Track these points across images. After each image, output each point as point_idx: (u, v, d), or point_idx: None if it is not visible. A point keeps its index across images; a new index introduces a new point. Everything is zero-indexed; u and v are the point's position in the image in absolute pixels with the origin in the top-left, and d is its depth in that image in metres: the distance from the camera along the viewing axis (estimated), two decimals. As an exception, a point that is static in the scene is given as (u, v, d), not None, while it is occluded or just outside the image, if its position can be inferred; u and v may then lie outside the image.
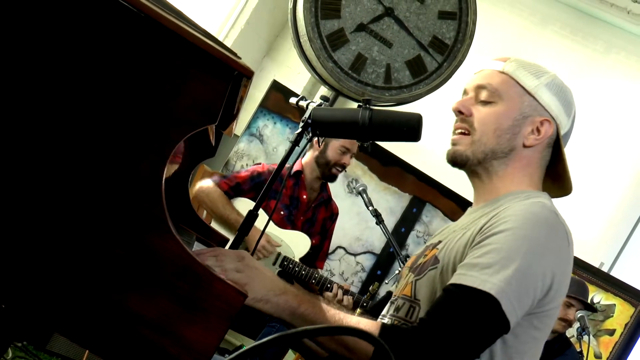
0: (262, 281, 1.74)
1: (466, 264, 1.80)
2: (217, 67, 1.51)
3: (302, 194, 4.75)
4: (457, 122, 2.07)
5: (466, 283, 1.76)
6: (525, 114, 2.00)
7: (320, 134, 2.29)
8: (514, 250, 1.77)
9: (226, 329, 1.50)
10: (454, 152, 2.05)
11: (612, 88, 6.48)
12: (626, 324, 5.85)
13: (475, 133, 2.02)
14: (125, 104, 1.50)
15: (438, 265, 1.92)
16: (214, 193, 4.54)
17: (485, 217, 1.91)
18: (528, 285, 1.76)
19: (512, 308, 1.74)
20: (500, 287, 1.73)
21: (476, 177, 2.06)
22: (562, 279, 1.84)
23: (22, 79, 1.48)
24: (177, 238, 1.49)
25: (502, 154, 2.01)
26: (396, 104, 6.06)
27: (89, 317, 1.46)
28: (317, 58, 5.77)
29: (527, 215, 1.83)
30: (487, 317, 1.73)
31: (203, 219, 4.84)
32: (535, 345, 1.88)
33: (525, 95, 2.01)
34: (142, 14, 1.48)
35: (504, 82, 2.02)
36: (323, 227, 4.88)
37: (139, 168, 1.48)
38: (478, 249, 1.81)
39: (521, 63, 2.05)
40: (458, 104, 2.06)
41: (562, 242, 1.85)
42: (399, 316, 1.98)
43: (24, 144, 1.47)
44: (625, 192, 6.40)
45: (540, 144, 2.01)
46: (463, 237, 1.91)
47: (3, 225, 1.45)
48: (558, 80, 2.05)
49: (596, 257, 6.17)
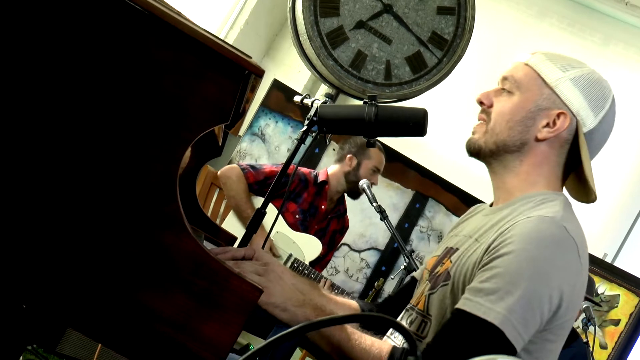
0: (282, 288, 1.78)
1: (472, 288, 1.80)
2: (228, 66, 1.53)
3: (322, 203, 4.80)
4: (480, 112, 2.07)
5: (471, 311, 1.76)
6: (541, 106, 1.97)
7: (327, 131, 2.32)
8: (519, 274, 1.75)
9: (243, 323, 1.53)
10: (469, 140, 2.06)
11: (611, 80, 6.48)
12: (631, 314, 5.87)
13: (490, 122, 2.02)
14: (140, 105, 1.52)
15: (449, 282, 1.92)
16: (239, 184, 4.58)
17: (494, 230, 1.89)
18: (534, 309, 1.75)
19: (516, 334, 1.73)
20: (504, 315, 1.72)
21: (493, 172, 2.05)
22: (573, 293, 1.82)
23: (42, 82, 1.51)
24: (192, 236, 1.51)
25: (514, 147, 1.98)
26: (397, 100, 6.09)
27: (109, 315, 1.49)
28: (317, 56, 5.81)
29: (532, 235, 1.79)
30: (491, 346, 1.73)
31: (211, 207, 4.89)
32: (550, 355, 1.88)
33: (545, 88, 1.98)
34: (158, 18, 1.50)
35: (526, 75, 2.00)
36: (332, 238, 4.94)
37: (153, 168, 1.51)
38: (484, 272, 1.80)
39: (550, 56, 2.01)
40: (481, 95, 2.06)
41: (571, 257, 1.81)
42: (412, 331, 1.99)
43: (41, 147, 1.50)
44: (627, 184, 6.43)
45: (554, 138, 1.97)
46: (474, 253, 1.89)
47: (25, 227, 1.48)
48: (593, 76, 2.00)
49: (600, 248, 6.19)
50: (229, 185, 4.59)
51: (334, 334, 1.79)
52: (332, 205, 4.88)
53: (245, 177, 4.60)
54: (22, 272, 1.47)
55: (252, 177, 4.60)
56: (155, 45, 1.53)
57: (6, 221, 1.48)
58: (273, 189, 2.55)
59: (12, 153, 1.49)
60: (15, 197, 1.49)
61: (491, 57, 6.74)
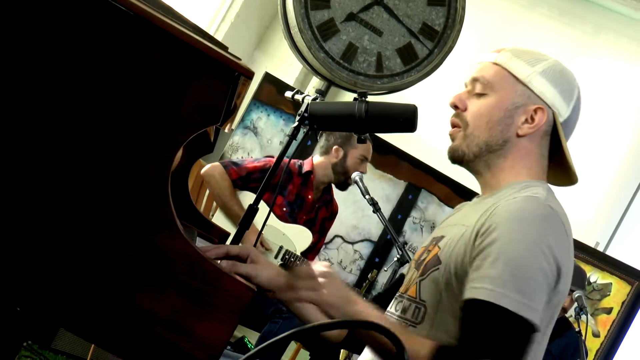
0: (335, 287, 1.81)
1: (478, 277, 1.82)
2: (219, 69, 1.54)
3: (308, 193, 4.81)
4: (452, 116, 2.09)
5: (487, 299, 1.77)
6: (517, 103, 1.99)
7: (318, 128, 2.33)
8: (519, 255, 1.79)
9: (236, 323, 1.54)
10: (450, 147, 2.07)
11: (602, 69, 6.52)
12: (623, 302, 5.92)
13: (468, 127, 2.02)
14: (130, 108, 1.53)
15: (440, 267, 1.94)
16: (222, 182, 4.59)
17: (483, 215, 1.91)
18: (541, 285, 1.79)
19: (531, 311, 1.76)
20: (515, 298, 1.75)
21: (479, 175, 2.07)
22: (567, 268, 1.85)
23: (32, 86, 1.52)
24: (185, 237, 1.53)
25: (497, 146, 2.01)
26: (388, 92, 6.10)
27: (103, 316, 1.50)
28: (309, 49, 5.80)
29: (521, 214, 1.83)
30: (516, 333, 1.77)
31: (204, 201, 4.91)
32: (536, 347, 1.90)
33: (518, 85, 2.00)
34: (147, 21, 1.51)
35: (497, 74, 2.02)
36: (322, 225, 4.96)
37: (145, 171, 1.52)
38: (483, 258, 1.83)
39: (516, 52, 2.04)
40: (454, 99, 2.07)
41: (560, 233, 1.85)
42: (407, 318, 2.01)
43: (33, 151, 1.51)
44: (618, 173, 6.46)
45: (535, 132, 2.00)
46: (463, 236, 1.92)
47: (18, 230, 1.49)
48: (558, 67, 2.03)
49: (591, 237, 6.23)
50: (213, 183, 4.61)
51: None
52: (319, 195, 4.89)
53: (228, 174, 4.61)
54: (16, 274, 1.48)
55: (235, 174, 4.61)
56: (145, 48, 1.54)
57: (0, 223, 1.49)
58: (265, 184, 2.57)
59: (4, 156, 1.50)
60: (8, 200, 1.50)
61: (482, 48, 6.73)
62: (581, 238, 6.00)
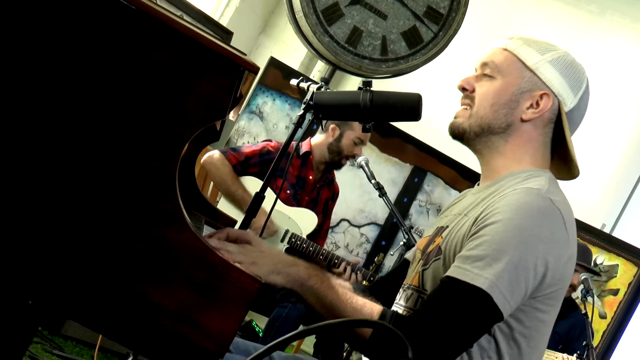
0: (269, 257, 1.82)
1: (461, 256, 1.86)
2: (224, 64, 1.56)
3: (308, 174, 4.84)
4: (462, 97, 2.12)
5: (459, 277, 1.82)
6: (524, 88, 2.03)
7: (323, 117, 2.35)
8: (506, 242, 1.82)
9: (244, 314, 1.57)
10: (452, 124, 2.12)
11: (608, 50, 6.51)
12: (629, 284, 5.94)
13: (474, 107, 2.07)
14: (138, 104, 1.55)
15: (441, 257, 1.98)
16: (223, 168, 4.62)
17: (482, 205, 1.95)
18: (519, 276, 1.81)
19: (504, 299, 1.79)
20: (492, 281, 1.79)
21: (479, 154, 2.11)
22: (559, 263, 1.88)
23: (40, 83, 1.54)
24: (193, 230, 1.55)
25: (499, 128, 2.04)
26: (393, 76, 6.10)
27: (114, 309, 1.53)
28: (314, 33, 5.80)
29: (519, 205, 1.86)
30: (479, 310, 1.80)
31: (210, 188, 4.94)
32: (543, 326, 1.94)
33: (526, 71, 2.04)
34: (153, 17, 1.53)
35: (506, 59, 2.06)
36: (325, 206, 4.98)
37: (153, 166, 1.54)
38: (472, 241, 1.87)
39: (527, 40, 2.08)
40: (462, 81, 2.11)
41: (557, 228, 1.88)
42: (408, 306, 2.05)
43: (44, 147, 1.53)
44: (624, 154, 6.46)
45: (539, 118, 2.03)
46: (463, 226, 1.96)
47: (30, 226, 1.51)
48: (568, 58, 2.06)
49: (598, 219, 6.24)
50: (213, 171, 4.64)
51: (327, 294, 1.83)
52: (320, 175, 4.92)
53: (227, 159, 4.64)
54: (28, 269, 1.51)
55: (234, 159, 4.64)
56: (150, 44, 1.56)
57: (12, 220, 1.52)
58: (270, 171, 2.59)
59: (14, 152, 1.52)
60: (21, 196, 1.52)
61: (487, 30, 6.73)
62: (587, 220, 6.01)
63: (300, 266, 1.85)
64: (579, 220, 5.94)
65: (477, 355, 1.88)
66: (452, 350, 1.81)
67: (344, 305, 1.84)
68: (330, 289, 1.84)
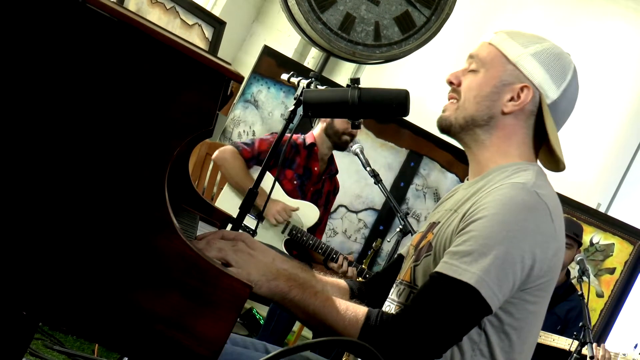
0: (255, 265, 1.83)
1: (449, 252, 1.89)
2: (209, 74, 1.59)
3: (314, 165, 4.89)
4: (450, 91, 2.15)
5: (447, 272, 1.85)
6: (505, 81, 2.05)
7: (312, 115, 2.38)
8: (492, 237, 1.85)
9: (235, 319, 1.60)
10: (439, 118, 2.16)
11: (602, 30, 6.51)
12: (625, 262, 5.98)
13: (460, 100, 2.10)
14: (125, 115, 1.58)
15: (431, 252, 2.01)
16: (236, 162, 4.69)
17: (471, 200, 1.98)
18: (507, 270, 1.84)
19: (492, 293, 1.82)
20: (479, 275, 1.82)
21: (466, 147, 2.14)
22: (547, 255, 1.91)
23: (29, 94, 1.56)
24: (183, 237, 1.58)
25: (482, 121, 2.07)
26: (386, 61, 6.12)
27: (106, 317, 1.56)
28: (306, 21, 5.81)
29: (504, 201, 1.89)
30: (468, 305, 1.83)
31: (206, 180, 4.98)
32: (533, 318, 1.96)
33: (508, 64, 2.06)
34: (141, 31, 1.56)
35: (490, 53, 2.09)
36: (327, 199, 5.05)
37: (142, 175, 1.57)
38: (460, 237, 1.90)
39: (511, 34, 2.10)
40: (450, 76, 2.15)
41: (543, 221, 1.91)
42: (400, 301, 2.09)
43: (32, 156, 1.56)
44: (618, 133, 6.49)
45: (520, 110, 2.05)
46: (453, 222, 1.99)
47: (20, 235, 1.54)
48: (553, 51, 2.08)
49: (593, 198, 6.28)
50: (226, 166, 4.69)
51: (309, 302, 1.86)
52: (324, 166, 4.97)
53: (240, 154, 4.70)
54: (21, 280, 1.54)
55: (248, 153, 4.71)
56: (136, 56, 1.58)
57: (5, 230, 1.54)
58: (266, 164, 2.63)
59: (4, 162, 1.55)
60: (13, 207, 1.55)
61: (480, 13, 6.74)
62: (583, 199, 6.05)
63: (282, 279, 1.86)
64: (575, 200, 5.99)
65: (468, 348, 1.91)
66: (441, 344, 1.84)
67: (328, 311, 1.86)
68: (312, 296, 1.86)
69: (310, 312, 1.86)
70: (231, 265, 1.79)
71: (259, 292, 1.82)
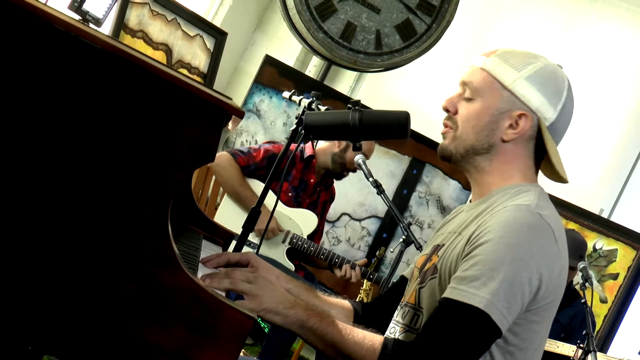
0: (272, 293, 1.87)
1: (457, 277, 1.91)
2: (210, 110, 1.61)
3: (310, 177, 4.91)
4: (445, 119, 2.16)
5: (456, 298, 1.87)
6: (502, 109, 2.05)
7: (314, 137, 2.39)
8: (499, 260, 1.87)
9: (239, 350, 1.62)
10: (440, 146, 2.18)
11: (602, 34, 6.52)
12: (629, 267, 5.98)
13: (457, 129, 2.11)
14: (128, 151, 1.60)
15: (437, 275, 2.03)
16: (231, 169, 4.71)
17: (475, 223, 2.00)
18: (515, 292, 1.86)
19: (502, 316, 1.84)
20: (488, 299, 1.84)
21: (468, 174, 2.15)
22: (552, 275, 1.93)
23: (40, 133, 1.58)
24: (185, 271, 1.60)
25: (483, 150, 2.08)
26: (387, 69, 6.14)
27: (112, 351, 1.58)
28: (307, 30, 5.86)
29: (509, 223, 1.91)
30: (479, 329, 1.85)
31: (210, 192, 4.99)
32: (537, 337, 1.98)
33: (504, 91, 2.06)
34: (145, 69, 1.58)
35: (484, 80, 2.08)
36: (323, 207, 5.07)
37: (146, 211, 1.59)
38: (467, 261, 1.92)
39: (504, 57, 2.09)
40: (446, 102, 2.15)
41: (548, 241, 1.93)
42: (404, 323, 2.11)
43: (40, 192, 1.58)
44: (620, 139, 6.49)
45: (520, 137, 2.06)
46: (458, 245, 2.01)
47: (26, 271, 1.56)
48: (546, 70, 2.07)
49: (596, 204, 6.28)
50: (222, 173, 4.71)
51: (327, 331, 1.89)
52: (320, 178, 4.99)
53: (236, 161, 4.71)
54: (27, 315, 1.56)
55: (243, 161, 4.72)
56: (139, 93, 1.60)
57: (10, 266, 1.56)
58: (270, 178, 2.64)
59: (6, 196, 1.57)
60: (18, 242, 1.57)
61: (481, 20, 6.76)
62: (585, 205, 6.05)
63: (299, 307, 1.89)
64: (578, 206, 5.99)
65: None
66: None
67: (345, 340, 1.89)
68: (329, 325, 1.90)
69: (329, 340, 1.89)
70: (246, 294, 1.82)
71: (275, 319, 1.86)
